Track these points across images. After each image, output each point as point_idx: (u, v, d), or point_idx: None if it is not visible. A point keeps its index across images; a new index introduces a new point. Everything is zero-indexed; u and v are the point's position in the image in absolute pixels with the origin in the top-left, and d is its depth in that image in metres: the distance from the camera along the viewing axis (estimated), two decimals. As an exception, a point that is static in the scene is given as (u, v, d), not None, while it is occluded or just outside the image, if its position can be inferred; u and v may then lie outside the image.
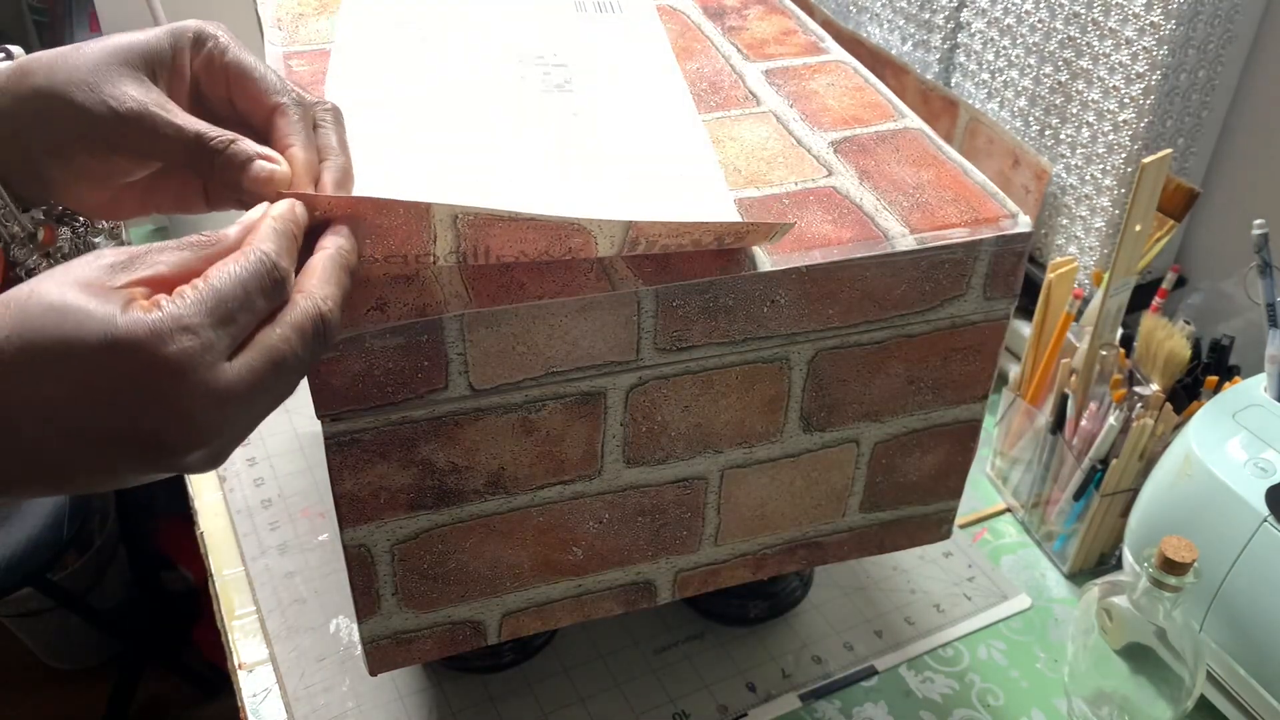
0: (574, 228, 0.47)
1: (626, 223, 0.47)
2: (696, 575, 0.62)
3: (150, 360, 0.34)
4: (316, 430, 0.49)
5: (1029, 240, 0.55)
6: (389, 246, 0.45)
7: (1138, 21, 0.77)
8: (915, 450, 0.62)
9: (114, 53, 0.43)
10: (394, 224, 0.44)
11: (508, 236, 0.47)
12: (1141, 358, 0.76)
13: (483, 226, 0.46)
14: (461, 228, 0.45)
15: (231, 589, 0.76)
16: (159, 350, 0.34)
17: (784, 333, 0.53)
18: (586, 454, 0.54)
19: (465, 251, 0.47)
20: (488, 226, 0.46)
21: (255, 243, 0.38)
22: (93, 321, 0.34)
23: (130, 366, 0.34)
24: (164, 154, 0.44)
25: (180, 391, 0.34)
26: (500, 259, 0.48)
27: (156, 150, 0.43)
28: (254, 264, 0.37)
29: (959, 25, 0.96)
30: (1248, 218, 0.70)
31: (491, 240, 0.47)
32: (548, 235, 0.47)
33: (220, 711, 1.59)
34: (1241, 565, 0.63)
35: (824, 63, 0.67)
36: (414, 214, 0.44)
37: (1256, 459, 0.65)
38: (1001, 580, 0.79)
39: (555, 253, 0.48)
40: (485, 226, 0.46)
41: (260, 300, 0.37)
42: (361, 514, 0.52)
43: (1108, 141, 0.83)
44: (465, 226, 0.45)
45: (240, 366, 0.36)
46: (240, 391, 0.36)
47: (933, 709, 0.70)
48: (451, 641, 0.58)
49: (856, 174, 0.57)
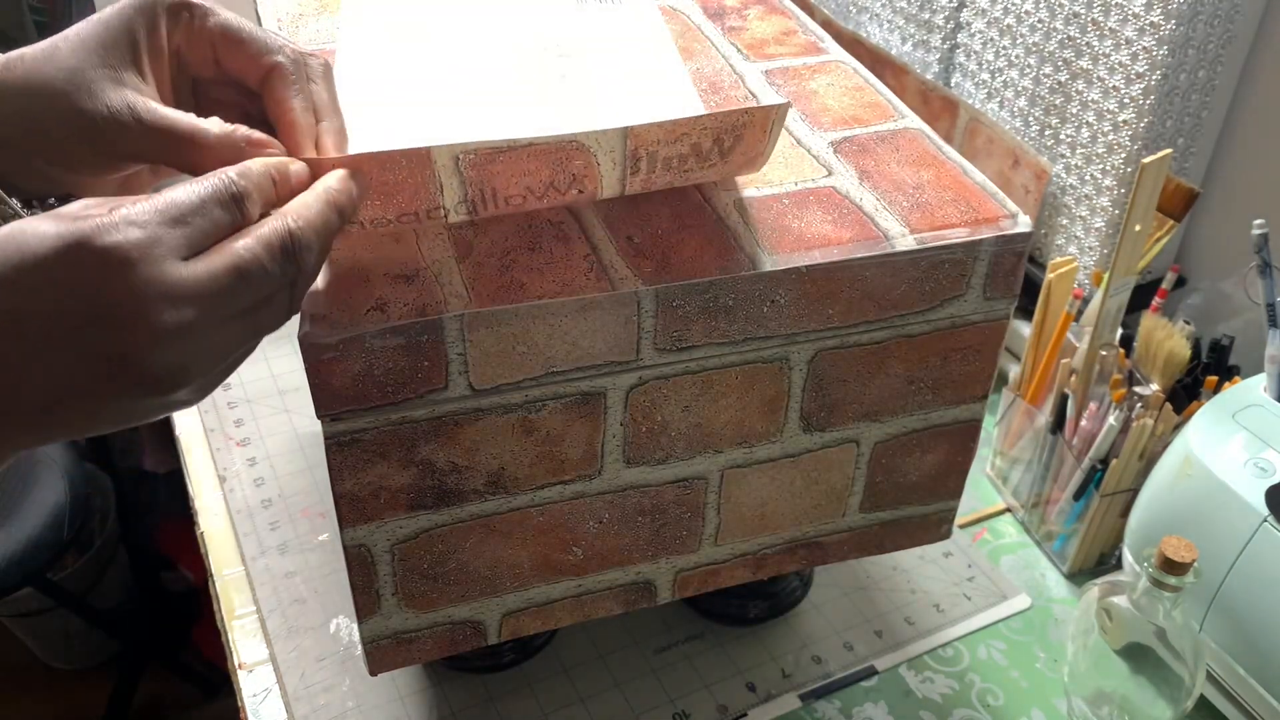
0: (574, 147, 0.47)
1: (624, 130, 0.47)
2: (696, 575, 0.62)
3: (94, 252, 0.34)
4: (316, 430, 0.50)
5: (1029, 240, 0.55)
6: (399, 204, 0.46)
7: (1138, 21, 0.77)
8: (915, 450, 0.62)
9: (90, 50, 0.43)
10: (399, 178, 0.45)
11: (511, 171, 0.47)
12: (1141, 358, 0.76)
13: (484, 165, 0.46)
14: (465, 170, 0.45)
15: (232, 589, 0.76)
16: (103, 240, 0.34)
17: (784, 333, 0.53)
18: (586, 454, 0.54)
19: (473, 199, 0.47)
20: (489, 164, 0.46)
21: (220, 169, 0.39)
22: (47, 232, 0.34)
23: (78, 264, 0.34)
24: (146, 155, 0.44)
25: (126, 283, 0.34)
26: (508, 202, 0.48)
27: (138, 152, 0.44)
28: (212, 178, 0.38)
29: (959, 25, 0.96)
30: (1248, 218, 0.70)
31: (497, 179, 0.47)
32: (549, 162, 0.47)
33: (220, 711, 1.59)
34: (1241, 565, 0.63)
35: (824, 63, 0.67)
36: (416, 162, 0.44)
37: (1256, 459, 0.65)
38: (1001, 580, 0.79)
39: (561, 185, 0.48)
40: (487, 164, 0.46)
41: (216, 209, 0.37)
42: (361, 514, 0.52)
43: (1108, 141, 0.83)
44: (468, 168, 0.45)
45: (196, 266, 0.36)
46: (194, 289, 0.36)
47: (933, 709, 0.70)
48: (451, 641, 0.58)
49: (856, 174, 0.57)
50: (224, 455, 0.86)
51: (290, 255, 0.39)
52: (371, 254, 0.49)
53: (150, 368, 0.36)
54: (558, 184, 0.48)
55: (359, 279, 0.48)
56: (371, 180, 0.44)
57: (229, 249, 0.37)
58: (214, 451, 0.86)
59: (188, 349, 0.36)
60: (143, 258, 0.35)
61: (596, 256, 0.50)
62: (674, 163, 0.49)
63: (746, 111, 0.48)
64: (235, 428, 0.88)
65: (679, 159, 0.49)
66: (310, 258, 0.40)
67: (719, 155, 0.50)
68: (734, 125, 0.49)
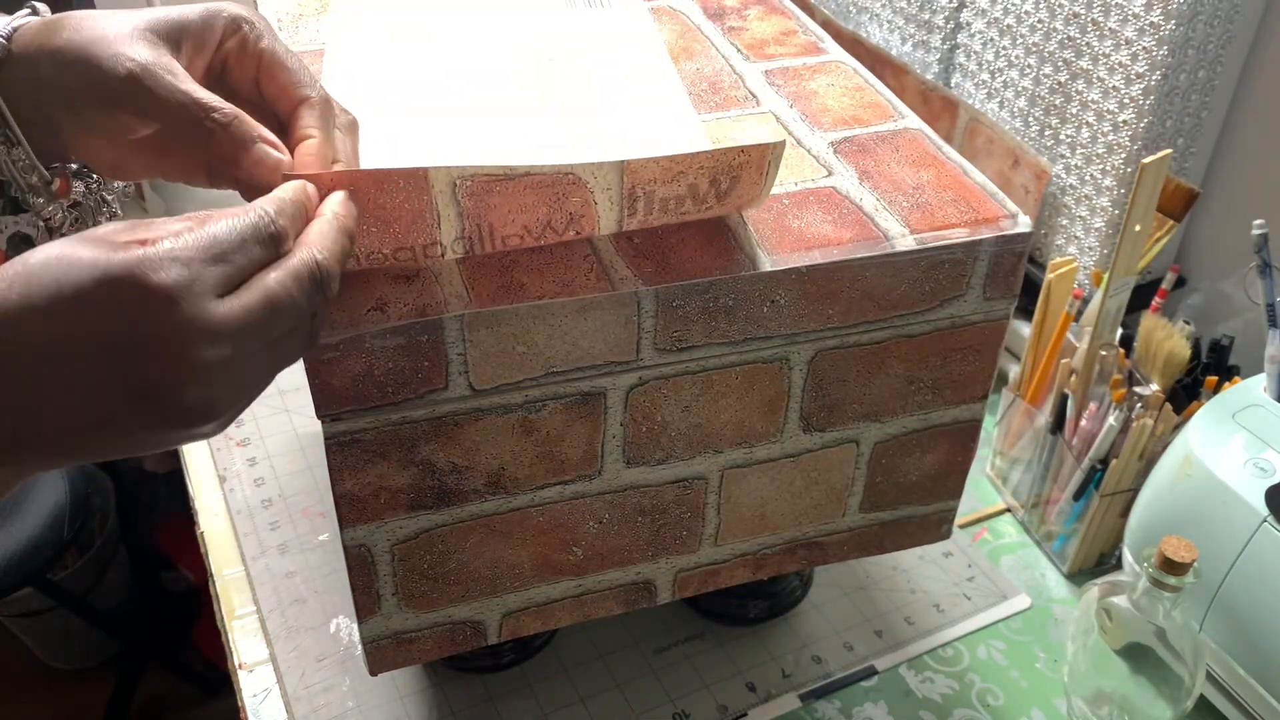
0: (570, 181, 0.47)
1: (620, 164, 0.47)
2: (696, 575, 0.62)
3: (138, 288, 0.34)
4: (316, 430, 0.50)
5: (1029, 240, 0.55)
6: (397, 235, 0.46)
7: (1138, 21, 0.77)
8: (915, 450, 0.62)
9: (142, 19, 0.45)
10: (396, 202, 0.45)
11: (508, 205, 0.47)
12: (1141, 358, 0.76)
13: (482, 195, 0.46)
14: (462, 200, 0.46)
15: (232, 589, 0.76)
16: (147, 278, 0.34)
17: (784, 333, 0.53)
18: (586, 454, 0.54)
19: (470, 235, 0.47)
20: (486, 195, 0.46)
21: (257, 203, 0.39)
22: (86, 261, 0.34)
23: (120, 298, 0.34)
24: (160, 114, 0.44)
25: (169, 320, 0.35)
26: (505, 241, 0.48)
27: (153, 109, 0.44)
28: (252, 215, 0.38)
29: (959, 25, 0.96)
30: (1247, 218, 0.70)
31: (493, 214, 0.47)
32: (546, 198, 0.47)
33: (220, 711, 1.59)
34: (1241, 565, 0.63)
35: (824, 63, 0.67)
36: (413, 185, 0.44)
37: (1256, 459, 0.65)
38: (1001, 580, 0.79)
39: (557, 224, 0.48)
40: (484, 195, 0.46)
41: (255, 248, 0.38)
42: (361, 514, 0.52)
43: (1108, 141, 0.83)
44: (465, 197, 0.46)
45: (233, 303, 0.36)
46: (232, 326, 0.36)
47: (933, 709, 0.70)
48: (451, 641, 0.58)
49: (856, 174, 0.57)
50: (224, 455, 0.86)
51: (319, 285, 0.39)
52: None
53: (183, 402, 0.36)
54: (555, 225, 0.48)
55: (359, 279, 0.48)
56: (369, 201, 0.44)
57: (262, 284, 0.38)
58: (214, 451, 0.86)
59: (220, 384, 0.37)
60: (185, 296, 0.35)
61: (596, 256, 0.50)
62: (671, 204, 0.49)
63: (743, 150, 0.48)
64: (235, 428, 0.88)
65: (676, 200, 0.49)
66: (334, 286, 0.41)
67: (716, 198, 0.50)
68: (730, 166, 0.49)
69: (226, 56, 0.47)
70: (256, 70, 0.47)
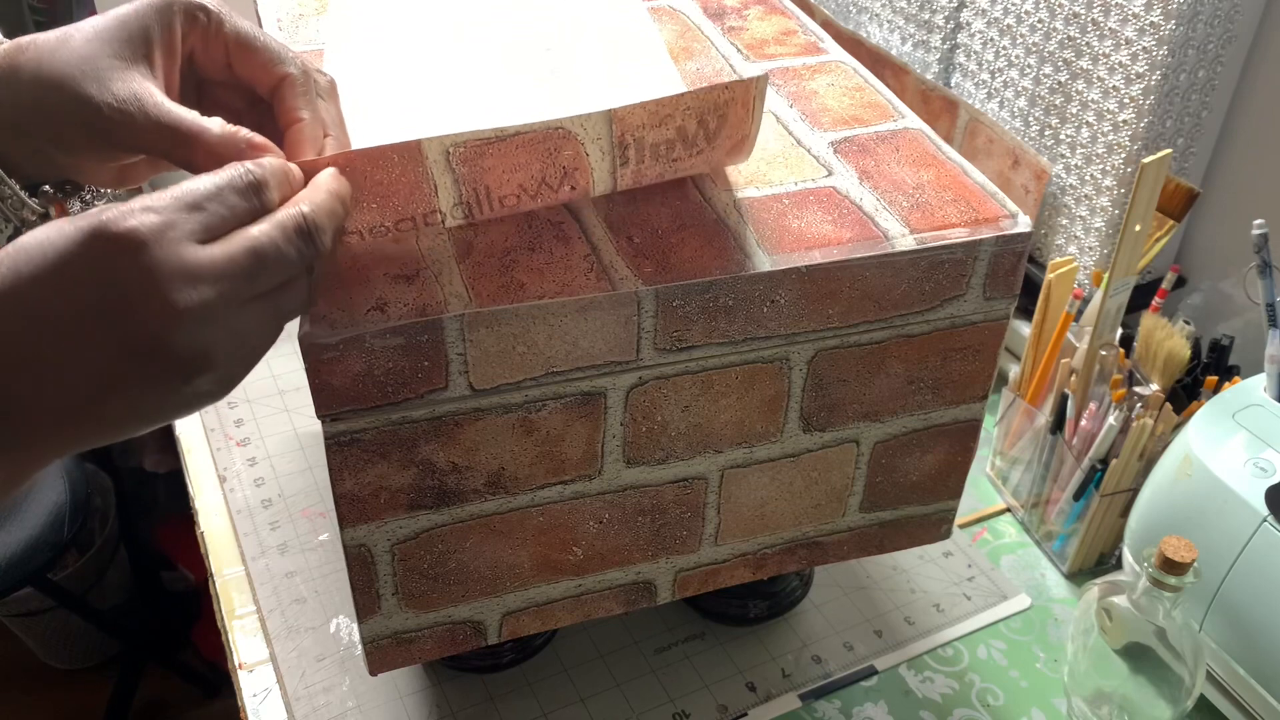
0: (561, 135, 0.47)
1: (607, 113, 0.47)
2: (696, 575, 0.62)
3: (111, 238, 0.35)
4: (316, 430, 0.50)
5: (1029, 240, 0.55)
6: (396, 207, 0.46)
7: (1138, 21, 0.77)
8: (915, 450, 0.62)
9: (104, 40, 0.44)
10: (392, 176, 0.45)
11: (502, 166, 0.47)
12: (1141, 358, 0.76)
13: (475, 159, 0.46)
14: (457, 166, 0.46)
15: (232, 589, 0.76)
16: (120, 225, 0.35)
17: (784, 333, 0.53)
18: (586, 454, 0.54)
19: (468, 200, 0.47)
20: (480, 158, 0.46)
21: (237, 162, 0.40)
22: (69, 229, 0.35)
23: (96, 251, 0.35)
24: (147, 145, 0.44)
25: (140, 263, 0.35)
26: (503, 202, 0.48)
27: (140, 143, 0.44)
28: (230, 168, 0.39)
29: (959, 25, 0.96)
30: (1247, 218, 0.70)
31: (489, 176, 0.47)
32: (539, 155, 0.47)
33: (220, 711, 1.59)
34: (1241, 565, 0.63)
35: (824, 63, 0.67)
36: (408, 158, 0.45)
37: (1256, 459, 0.65)
38: (1001, 580, 0.79)
39: (552, 179, 0.48)
40: (478, 159, 0.46)
41: (232, 196, 0.38)
42: (361, 514, 0.52)
43: (1107, 141, 0.83)
44: (459, 163, 0.46)
45: (215, 249, 0.37)
46: (212, 270, 0.36)
47: (932, 709, 0.70)
48: (451, 641, 0.58)
49: (856, 174, 0.57)
50: (224, 455, 0.86)
51: (306, 236, 0.39)
52: (371, 254, 0.49)
53: (172, 348, 0.36)
54: (550, 180, 0.48)
55: (359, 279, 0.48)
56: (366, 178, 0.44)
57: (245, 233, 0.38)
58: (214, 451, 0.86)
59: (208, 330, 0.37)
60: (157, 240, 0.36)
61: (596, 256, 0.50)
62: (662, 150, 0.50)
63: (727, 87, 0.49)
64: (235, 428, 0.88)
65: (666, 145, 0.50)
66: (325, 239, 0.41)
67: (705, 139, 0.50)
68: (716, 104, 0.49)
69: (191, 51, 0.47)
70: (225, 55, 0.47)
